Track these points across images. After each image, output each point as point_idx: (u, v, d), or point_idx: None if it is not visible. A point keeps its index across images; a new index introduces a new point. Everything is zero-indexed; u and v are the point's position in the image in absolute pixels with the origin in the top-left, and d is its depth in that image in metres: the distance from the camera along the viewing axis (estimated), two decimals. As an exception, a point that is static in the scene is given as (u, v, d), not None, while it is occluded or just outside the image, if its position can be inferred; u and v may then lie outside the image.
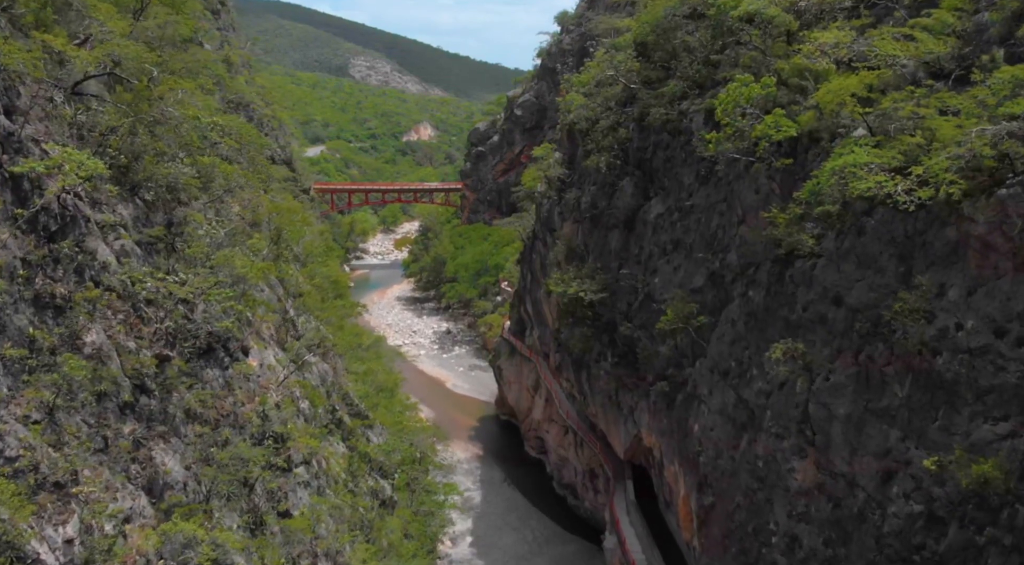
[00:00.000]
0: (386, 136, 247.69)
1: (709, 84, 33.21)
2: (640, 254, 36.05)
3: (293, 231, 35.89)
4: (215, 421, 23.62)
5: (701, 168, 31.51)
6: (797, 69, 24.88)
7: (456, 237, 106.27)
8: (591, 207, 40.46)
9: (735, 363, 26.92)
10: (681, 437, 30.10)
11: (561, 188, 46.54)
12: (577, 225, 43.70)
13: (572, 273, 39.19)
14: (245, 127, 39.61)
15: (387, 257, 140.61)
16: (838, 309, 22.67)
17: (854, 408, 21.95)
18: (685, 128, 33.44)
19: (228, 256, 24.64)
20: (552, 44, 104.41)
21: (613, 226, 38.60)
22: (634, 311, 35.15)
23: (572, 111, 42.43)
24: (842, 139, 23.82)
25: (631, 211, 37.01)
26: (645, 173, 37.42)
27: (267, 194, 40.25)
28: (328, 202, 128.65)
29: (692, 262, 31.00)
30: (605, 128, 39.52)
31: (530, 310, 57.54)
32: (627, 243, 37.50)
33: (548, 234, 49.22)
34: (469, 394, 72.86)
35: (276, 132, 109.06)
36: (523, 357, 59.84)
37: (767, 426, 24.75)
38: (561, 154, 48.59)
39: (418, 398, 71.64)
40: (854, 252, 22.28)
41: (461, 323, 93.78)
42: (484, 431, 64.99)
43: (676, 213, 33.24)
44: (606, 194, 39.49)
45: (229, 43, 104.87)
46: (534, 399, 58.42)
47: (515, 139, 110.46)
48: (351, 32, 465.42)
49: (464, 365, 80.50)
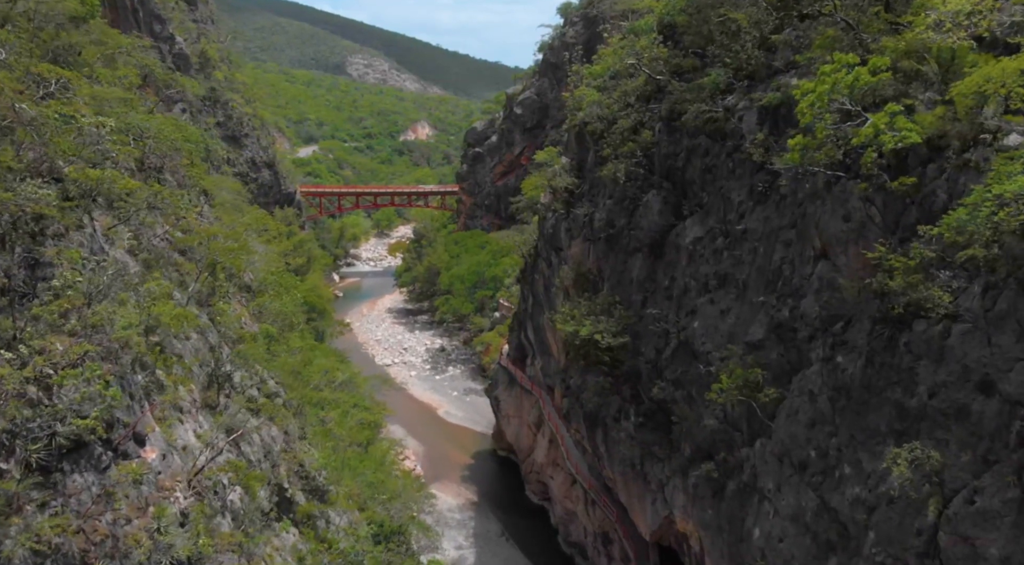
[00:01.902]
0: (382, 135, 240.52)
1: (764, 73, 25.93)
2: (671, 287, 28.76)
3: (236, 260, 28.54)
4: (80, 556, 16.39)
5: (757, 181, 24.24)
6: (912, 48, 17.56)
7: (451, 245, 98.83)
8: (607, 225, 33.16)
9: (816, 454, 19.62)
10: (734, 539, 22.79)
11: (569, 200, 39.24)
12: (588, 245, 36.42)
13: (584, 307, 31.88)
14: (173, 128, 32.25)
15: (380, 263, 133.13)
16: (987, 399, 15.44)
17: (1014, 550, 14.77)
18: (732, 130, 26.16)
19: (107, 311, 17.33)
20: (555, 37, 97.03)
21: (635, 250, 31.30)
22: (665, 361, 27.85)
23: (583, 109, 35.12)
24: (982, 148, 16.54)
25: (658, 232, 29.73)
26: (676, 185, 30.16)
27: (211, 210, 32.97)
28: (317, 206, 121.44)
29: (746, 306, 23.72)
30: (624, 129, 32.24)
31: (531, 337, 50.24)
32: (653, 272, 30.21)
33: (553, 253, 41.92)
34: (463, 423, 65.52)
35: (257, 132, 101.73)
36: (524, 389, 52.54)
37: (870, 553, 17.46)
38: (569, 160, 41.29)
39: (406, 429, 64.55)
40: (1015, 317, 15.02)
41: (456, 339, 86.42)
42: (479, 470, 57.68)
43: (721, 238, 25.95)
44: (625, 210, 32.21)
45: (207, 36, 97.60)
46: (536, 438, 51.12)
47: (515, 139, 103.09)
48: (349, 30, 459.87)
49: (458, 389, 73.17)
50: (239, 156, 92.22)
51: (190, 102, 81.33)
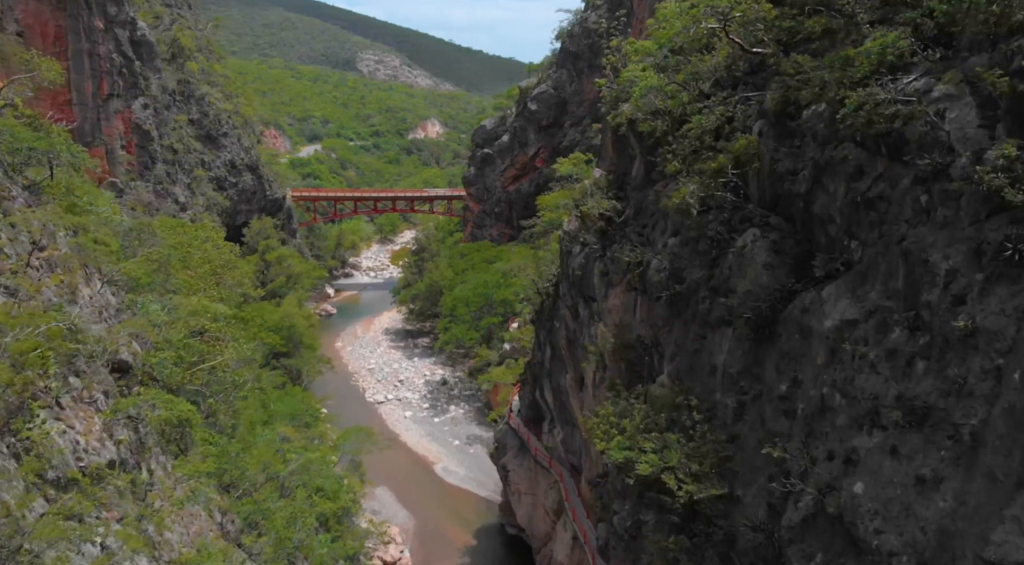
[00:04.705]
0: (390, 133, 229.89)
1: (989, 33, 14.30)
2: (794, 397, 17.17)
3: (82, 337, 17.19)
4: None
5: (990, 236, 12.66)
6: None
7: (456, 258, 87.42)
8: (671, 277, 21.59)
9: None
10: None
11: (606, 231, 27.71)
12: (636, 298, 24.90)
13: (637, 409, 20.31)
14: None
15: (381, 274, 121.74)
16: None
17: None
18: (923, 136, 14.54)
19: None
20: (575, 23, 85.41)
21: (721, 322, 19.71)
22: (788, 533, 16.21)
23: (634, 99, 23.44)
24: None
25: (767, 300, 18.15)
26: (795, 224, 18.60)
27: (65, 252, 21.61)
28: (311, 211, 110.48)
29: (983, 481, 12.10)
30: (702, 132, 20.71)
31: (549, 400, 38.79)
32: (757, 364, 18.63)
33: (582, 302, 30.40)
34: (465, 485, 54.05)
35: (239, 131, 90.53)
36: (539, 462, 41.09)
37: None
38: (605, 173, 29.77)
39: (395, 494, 53.10)
40: None
41: (460, 369, 74.95)
42: (484, 554, 46.22)
43: (905, 332, 14.33)
44: (702, 256, 20.65)
45: (182, 24, 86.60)
46: (555, 528, 39.64)
47: (529, 139, 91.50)
48: (360, 26, 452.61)
49: (460, 436, 61.70)
50: (215, 158, 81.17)
51: (154, 97, 70.42)
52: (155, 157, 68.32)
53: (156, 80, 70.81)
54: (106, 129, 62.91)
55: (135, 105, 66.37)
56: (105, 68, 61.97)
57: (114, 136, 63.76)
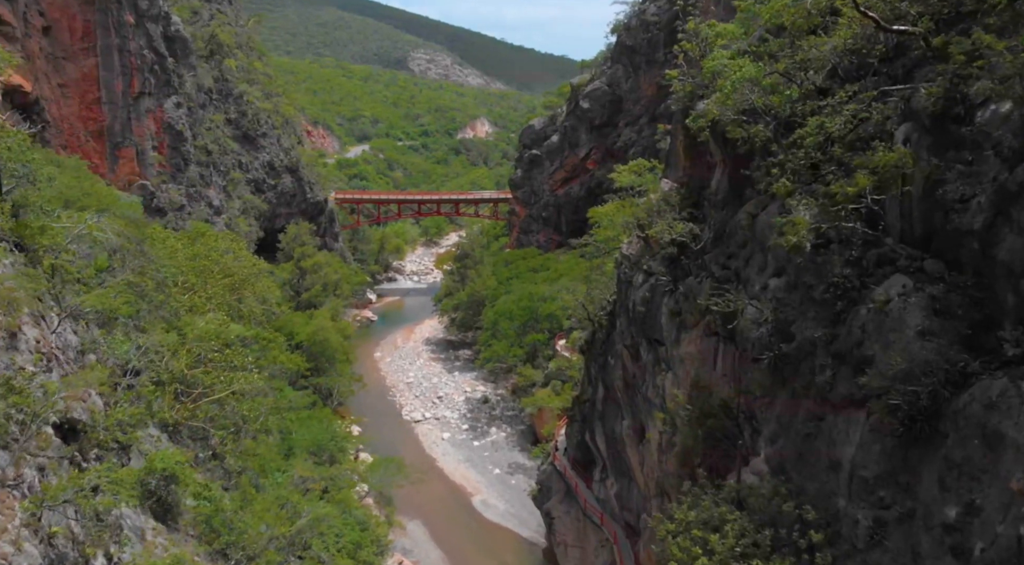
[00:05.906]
0: (439, 133, 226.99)
1: None
2: (967, 529, 11.67)
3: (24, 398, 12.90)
4: None
5: None
6: None
7: (500, 266, 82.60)
8: (775, 335, 16.20)
9: None
10: None
11: (677, 259, 22.39)
12: (716, 344, 19.59)
13: (729, 521, 15.02)
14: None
15: (425, 278, 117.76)
16: None
17: None
18: None
19: None
20: (632, 15, 79.70)
21: (848, 405, 14.29)
22: None
23: (725, 97, 18.02)
24: None
25: (925, 383, 12.68)
26: (968, 276, 13.08)
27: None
28: (354, 214, 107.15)
29: None
30: (823, 139, 15.30)
31: (602, 447, 33.56)
32: (912, 468, 13.20)
33: (644, 343, 25.10)
34: (505, 522, 49.09)
35: (278, 131, 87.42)
36: (588, 516, 35.88)
37: None
38: (675, 185, 24.43)
39: (428, 529, 48.52)
40: None
41: (502, 386, 70.08)
42: (522, 607, 41.30)
43: None
44: (821, 309, 15.23)
45: (221, 20, 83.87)
46: (606, 591, 34.42)
47: (580, 140, 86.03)
48: (414, 25, 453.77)
49: (501, 464, 56.78)
50: (253, 159, 78.05)
51: (188, 95, 67.46)
52: (188, 158, 65.28)
53: (191, 78, 67.82)
54: (136, 129, 60.07)
55: (167, 104, 63.38)
56: (136, 65, 59.07)
57: (145, 136, 60.87)
